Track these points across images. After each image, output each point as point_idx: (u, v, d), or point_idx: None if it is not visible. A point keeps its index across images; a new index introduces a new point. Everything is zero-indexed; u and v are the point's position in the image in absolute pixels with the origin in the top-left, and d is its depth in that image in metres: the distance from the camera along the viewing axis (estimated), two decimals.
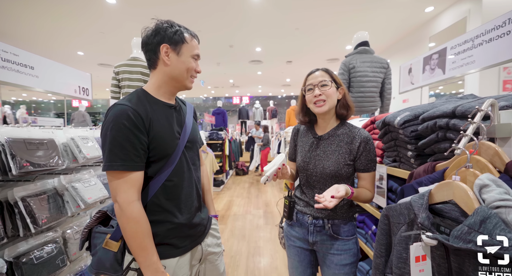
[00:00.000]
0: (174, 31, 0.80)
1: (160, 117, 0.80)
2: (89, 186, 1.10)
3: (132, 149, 0.71)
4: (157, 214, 0.79)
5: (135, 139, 0.72)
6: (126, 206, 0.71)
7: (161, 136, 0.78)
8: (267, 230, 3.07)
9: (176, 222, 0.81)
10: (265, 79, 9.52)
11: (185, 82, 0.85)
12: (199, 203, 0.91)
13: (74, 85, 1.64)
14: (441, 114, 0.74)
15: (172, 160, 0.80)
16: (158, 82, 0.83)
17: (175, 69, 0.81)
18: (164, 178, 0.79)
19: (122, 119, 0.71)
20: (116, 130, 0.70)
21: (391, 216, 0.68)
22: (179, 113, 0.89)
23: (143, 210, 0.74)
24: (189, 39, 0.82)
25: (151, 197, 0.78)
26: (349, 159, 0.96)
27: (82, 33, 4.84)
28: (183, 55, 0.81)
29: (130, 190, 0.72)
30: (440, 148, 0.77)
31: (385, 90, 2.44)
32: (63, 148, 1.03)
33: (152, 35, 0.80)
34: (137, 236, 0.72)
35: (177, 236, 0.82)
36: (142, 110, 0.74)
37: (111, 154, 0.71)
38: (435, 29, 4.45)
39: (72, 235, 1.04)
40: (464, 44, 1.21)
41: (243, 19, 4.41)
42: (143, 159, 0.75)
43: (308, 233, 1.02)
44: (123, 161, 0.70)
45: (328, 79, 0.96)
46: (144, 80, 2.49)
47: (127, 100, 0.75)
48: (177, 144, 0.82)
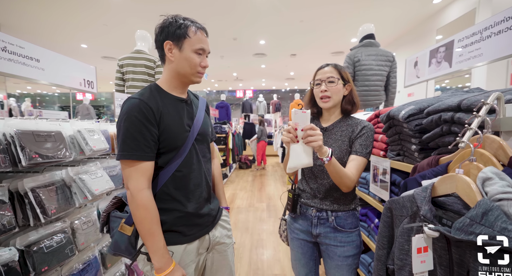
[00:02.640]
0: (177, 26, 0.80)
1: (171, 110, 0.83)
2: (96, 178, 1.13)
3: (143, 140, 0.76)
4: (166, 203, 0.83)
5: (146, 131, 0.76)
6: (136, 193, 0.75)
7: (171, 128, 0.81)
8: (270, 223, 3.11)
9: (184, 211, 0.85)
10: (269, 73, 9.44)
11: (191, 77, 0.86)
12: (208, 194, 0.93)
13: (79, 78, 1.66)
14: (446, 108, 0.73)
15: (181, 151, 0.84)
16: (168, 77, 0.86)
17: (179, 65, 0.83)
18: (174, 169, 0.83)
19: (134, 112, 0.75)
20: (128, 122, 0.75)
21: (394, 208, 0.69)
22: (190, 107, 0.91)
23: (152, 198, 0.78)
24: (193, 33, 0.81)
25: (161, 186, 0.83)
26: (350, 146, 0.98)
27: (86, 26, 4.83)
28: (184, 50, 0.81)
29: (140, 178, 0.76)
30: (445, 142, 0.76)
31: (390, 84, 2.41)
32: (70, 140, 1.05)
33: (158, 33, 0.83)
34: (145, 222, 0.76)
35: (185, 224, 0.86)
36: (153, 104, 0.78)
37: (124, 144, 0.75)
38: (442, 22, 4.34)
39: (80, 225, 1.07)
40: (472, 37, 1.19)
41: (247, 11, 4.35)
42: (154, 149, 0.79)
43: (311, 225, 1.04)
44: (135, 151, 0.75)
45: (336, 76, 0.98)
46: (148, 73, 2.50)
47: (140, 94, 0.80)
48: (187, 136, 0.85)
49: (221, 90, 13.83)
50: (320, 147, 0.81)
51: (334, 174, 0.88)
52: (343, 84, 0.99)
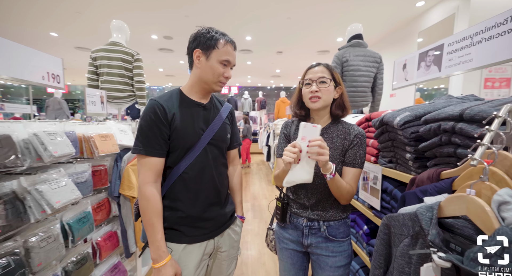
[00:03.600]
0: (208, 37, 0.86)
1: (185, 113, 0.89)
2: (57, 188, 0.98)
3: (154, 137, 0.83)
4: (171, 201, 0.90)
5: (157, 129, 0.83)
6: (141, 185, 0.83)
7: (181, 130, 0.86)
8: (254, 224, 3.05)
9: (187, 212, 0.89)
10: (255, 70, 9.32)
11: (212, 85, 0.91)
12: (217, 199, 0.96)
13: (41, 71, 1.46)
14: (446, 117, 0.69)
15: (191, 153, 0.89)
16: (191, 82, 0.93)
17: (203, 72, 0.89)
18: (182, 170, 0.88)
19: (149, 112, 0.84)
20: (144, 120, 0.84)
21: (393, 226, 0.63)
22: (208, 112, 0.96)
23: (155, 192, 0.84)
24: (221, 45, 0.87)
25: (169, 186, 0.89)
26: (342, 155, 0.93)
27: (55, 13, 4.40)
28: (211, 60, 0.87)
29: (147, 173, 0.84)
30: (443, 152, 0.72)
31: (377, 86, 2.41)
32: (23, 145, 0.89)
33: (191, 41, 0.89)
34: (146, 212, 0.83)
35: (187, 225, 0.90)
36: (168, 105, 0.86)
37: (137, 140, 0.85)
38: (424, 25, 4.47)
39: (37, 243, 0.91)
40: (462, 42, 1.17)
41: (233, 5, 4.19)
42: (164, 147, 0.85)
43: (302, 235, 0.98)
44: (145, 147, 0.83)
45: (327, 76, 0.92)
46: (125, 67, 2.30)
47: (160, 96, 0.88)
48: (198, 139, 0.89)
49: None
50: (327, 162, 0.78)
51: (335, 189, 0.86)
52: (334, 86, 0.93)
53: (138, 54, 2.34)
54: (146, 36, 5.52)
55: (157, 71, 9.44)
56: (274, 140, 5.12)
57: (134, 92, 2.40)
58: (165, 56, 7.08)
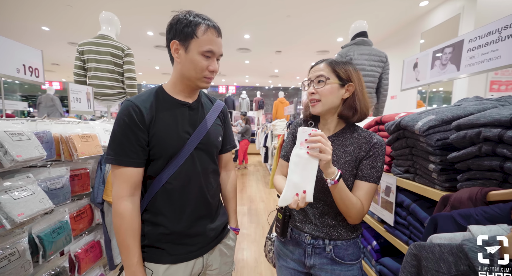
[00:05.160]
0: (185, 23, 0.71)
1: (167, 115, 0.77)
2: (21, 198, 0.83)
3: (129, 144, 0.71)
4: (153, 216, 0.78)
5: (132, 135, 0.72)
6: (115, 200, 0.72)
7: (162, 135, 0.75)
8: (251, 229, 2.91)
9: (170, 228, 0.78)
10: (253, 69, 9.18)
11: (197, 82, 0.77)
12: (207, 211, 0.84)
13: (16, 63, 1.31)
14: (489, 122, 0.56)
15: (174, 161, 0.77)
16: (174, 79, 0.81)
17: (184, 68, 0.75)
18: (165, 180, 0.77)
19: (123, 115, 0.72)
20: (117, 125, 0.72)
21: (424, 258, 0.51)
22: (196, 112, 0.83)
23: (132, 208, 0.73)
24: (201, 33, 0.71)
25: (150, 199, 0.78)
26: (355, 167, 0.79)
27: (46, 5, 4.22)
28: (190, 52, 0.73)
29: (121, 185, 0.72)
30: (482, 165, 0.60)
31: (382, 86, 2.29)
32: None
33: (167, 31, 0.76)
34: (119, 232, 0.72)
35: (170, 242, 0.78)
36: (146, 107, 0.74)
37: (109, 147, 0.73)
38: (427, 26, 4.37)
39: None
40: (487, 37, 1.05)
41: (231, 2, 4.05)
42: (141, 155, 0.73)
43: (305, 254, 0.85)
44: (118, 155, 0.71)
45: (326, 74, 0.78)
46: (114, 62, 2.15)
47: (137, 96, 0.76)
48: (183, 144, 0.77)
49: None
50: (328, 163, 0.66)
51: (339, 200, 0.72)
52: (339, 84, 0.78)
53: (129, 49, 2.19)
54: (141, 32, 5.35)
55: (153, 69, 9.26)
56: (272, 141, 4.99)
57: (125, 89, 2.25)
58: (162, 53, 6.90)
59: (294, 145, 0.91)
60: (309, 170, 0.67)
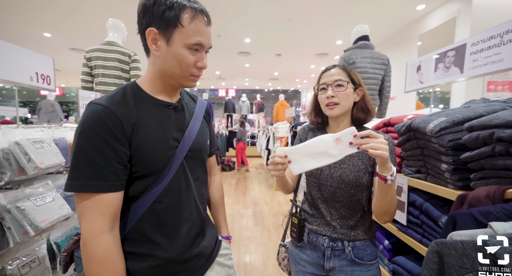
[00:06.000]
0: (166, 6, 0.56)
1: (151, 120, 0.61)
2: (43, 204, 0.85)
3: (105, 163, 0.54)
4: (139, 246, 0.62)
5: (109, 150, 0.54)
6: (89, 240, 0.53)
7: (148, 146, 0.59)
8: (257, 232, 2.92)
9: (164, 256, 0.62)
10: (253, 72, 9.24)
11: (182, 81, 0.63)
12: (200, 229, 0.71)
13: (29, 72, 1.33)
14: (502, 124, 0.59)
15: (163, 176, 0.62)
16: (151, 76, 0.64)
17: (166, 64, 0.60)
18: (152, 199, 0.61)
19: (92, 124, 0.54)
20: (83, 138, 0.54)
21: (447, 255, 0.53)
22: (182, 114, 0.69)
23: (114, 246, 0.56)
24: (188, 20, 0.57)
25: (133, 224, 0.61)
26: (369, 164, 0.81)
27: (48, 12, 4.25)
28: (173, 44, 0.58)
29: (98, 218, 0.54)
30: (496, 164, 0.62)
31: (384, 88, 2.33)
32: (3, 156, 0.76)
33: (141, 13, 0.59)
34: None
35: (164, 274, 0.64)
36: (123, 112, 0.56)
37: (75, 169, 0.53)
38: (424, 28, 4.45)
39: (18, 269, 0.78)
40: (489, 41, 1.09)
41: (233, 6, 4.11)
42: (122, 176, 0.57)
43: (324, 257, 0.86)
44: (91, 180, 0.53)
45: (344, 78, 0.82)
46: (121, 68, 2.18)
47: (107, 98, 0.58)
48: (172, 155, 0.63)
49: (202, 89, 13.37)
50: (387, 160, 0.62)
51: (389, 198, 0.70)
52: (353, 88, 0.83)
53: (135, 54, 2.22)
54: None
55: None
56: (274, 144, 5.02)
57: None
58: None
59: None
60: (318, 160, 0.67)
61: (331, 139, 0.66)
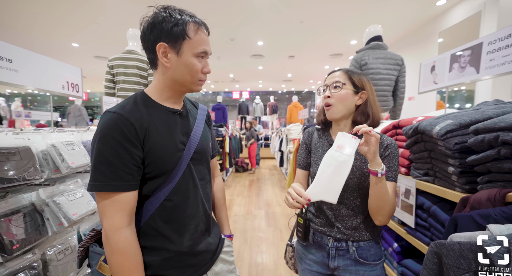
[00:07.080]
0: (173, 23, 0.64)
1: (160, 126, 0.68)
2: (74, 199, 0.95)
3: (122, 166, 0.61)
4: (152, 240, 0.69)
5: (125, 154, 0.61)
6: (111, 234, 0.61)
7: (159, 149, 0.66)
8: (269, 232, 2.95)
9: (175, 249, 0.70)
10: (266, 74, 9.30)
11: (191, 86, 0.72)
12: (206, 226, 0.79)
13: (61, 81, 1.47)
14: (507, 127, 0.59)
15: (172, 176, 0.69)
16: (160, 85, 0.72)
17: (177, 73, 0.69)
18: (163, 198, 0.68)
19: (110, 130, 0.61)
20: (102, 143, 0.60)
21: (445, 255, 0.54)
22: (186, 119, 0.77)
23: (133, 239, 0.63)
24: (193, 32, 0.66)
25: (146, 219, 0.68)
26: None
27: (76, 24, 4.60)
28: (183, 54, 0.67)
29: (117, 214, 0.61)
30: (502, 167, 0.62)
31: (399, 89, 2.29)
32: (42, 157, 0.87)
33: (148, 30, 0.66)
34: (122, 271, 0.61)
35: (176, 267, 0.71)
36: (136, 119, 0.64)
37: (97, 171, 0.61)
38: (445, 24, 4.26)
39: (55, 255, 0.89)
40: (507, 39, 1.06)
41: (245, 10, 4.20)
42: (136, 176, 0.64)
43: (328, 257, 0.89)
44: (111, 180, 0.60)
45: (342, 80, 0.84)
46: (140, 75, 2.32)
47: (120, 106, 0.65)
48: (180, 157, 0.70)
49: (217, 91, 13.65)
50: (376, 152, 0.68)
51: (379, 195, 0.74)
52: (354, 91, 0.84)
53: None
54: None
55: None
56: (287, 145, 5.03)
57: None
58: None
59: (308, 153, 0.97)
60: (339, 174, 0.71)
61: (333, 151, 0.71)
